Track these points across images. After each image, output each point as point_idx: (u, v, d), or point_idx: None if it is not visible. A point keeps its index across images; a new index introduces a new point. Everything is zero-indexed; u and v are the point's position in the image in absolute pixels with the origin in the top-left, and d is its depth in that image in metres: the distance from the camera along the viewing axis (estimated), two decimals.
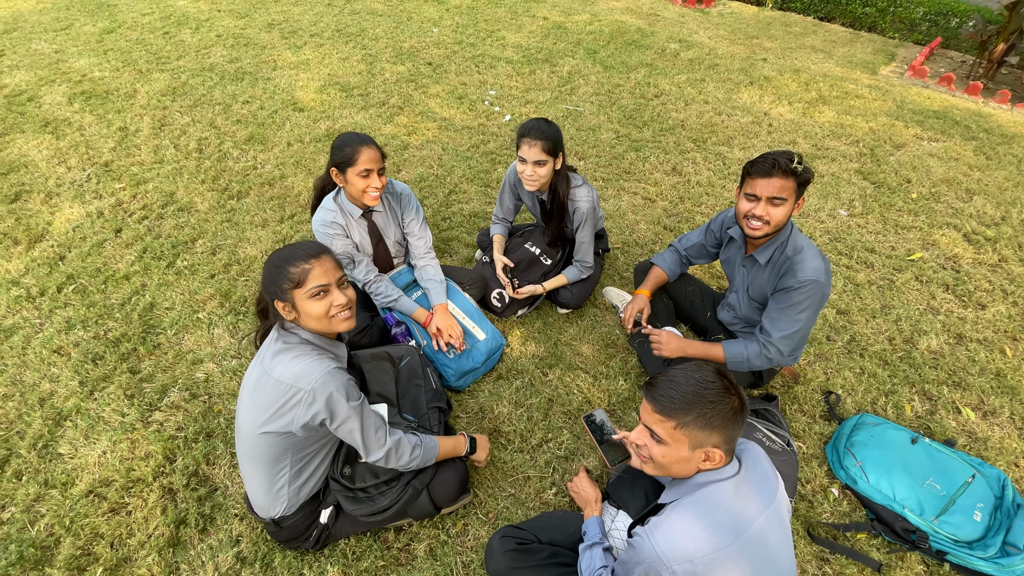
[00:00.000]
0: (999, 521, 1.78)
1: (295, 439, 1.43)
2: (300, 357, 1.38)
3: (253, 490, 1.54)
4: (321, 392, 1.34)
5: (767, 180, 1.71)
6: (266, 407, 1.38)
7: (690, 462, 1.18)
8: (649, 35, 6.03)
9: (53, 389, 2.17)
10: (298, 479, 1.53)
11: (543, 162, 2.17)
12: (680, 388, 1.16)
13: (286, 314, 1.41)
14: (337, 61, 4.89)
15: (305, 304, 1.38)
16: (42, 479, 1.89)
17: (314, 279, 1.37)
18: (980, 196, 3.64)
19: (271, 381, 1.37)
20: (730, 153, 3.95)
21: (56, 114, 3.92)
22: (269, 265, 1.40)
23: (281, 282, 1.37)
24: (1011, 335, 2.64)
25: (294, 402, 1.35)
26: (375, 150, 2.00)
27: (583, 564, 1.44)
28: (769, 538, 1.16)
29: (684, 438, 1.16)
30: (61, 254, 2.78)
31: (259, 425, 1.39)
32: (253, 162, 3.53)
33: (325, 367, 1.36)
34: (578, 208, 2.32)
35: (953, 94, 5.32)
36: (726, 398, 1.15)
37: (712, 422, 1.14)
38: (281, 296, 1.39)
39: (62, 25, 5.36)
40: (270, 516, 1.56)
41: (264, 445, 1.43)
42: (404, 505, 1.61)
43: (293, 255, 1.38)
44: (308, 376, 1.34)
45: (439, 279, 2.32)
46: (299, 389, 1.34)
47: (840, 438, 2.07)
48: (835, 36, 6.70)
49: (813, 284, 1.75)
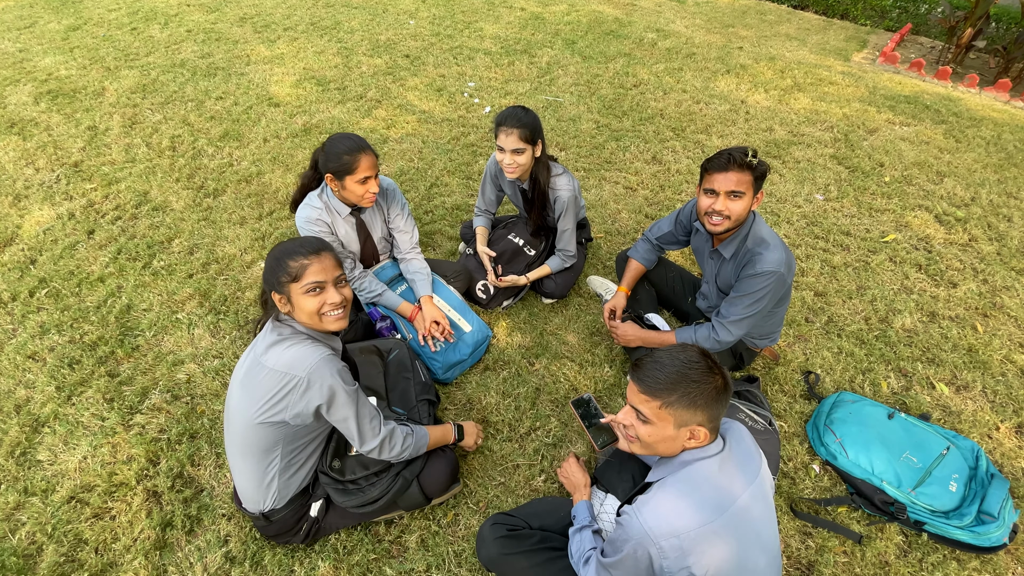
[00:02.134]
0: (974, 491, 1.85)
1: (287, 429, 1.43)
2: (294, 346, 1.38)
3: (243, 483, 1.53)
4: (316, 378, 1.35)
5: (724, 175, 1.74)
6: (260, 397, 1.38)
7: (676, 440, 1.21)
8: (627, 25, 6.04)
9: (29, 395, 2.12)
10: (288, 471, 1.52)
11: (521, 150, 2.17)
12: (665, 369, 1.18)
13: (281, 306, 1.42)
14: (312, 55, 4.82)
15: (299, 299, 1.39)
16: (21, 487, 1.85)
17: (310, 275, 1.38)
18: (950, 178, 3.74)
19: (264, 371, 1.37)
20: (709, 141, 3.99)
21: (22, 114, 3.81)
22: (271, 257, 1.42)
23: (279, 275, 1.38)
24: (982, 312, 2.73)
25: (289, 389, 1.35)
26: (372, 155, 1.98)
27: (573, 547, 1.46)
28: (753, 513, 1.19)
29: (669, 417, 1.18)
30: (32, 257, 2.71)
31: (253, 415, 1.39)
32: (229, 159, 3.47)
33: (320, 354, 1.37)
34: (559, 197, 2.32)
35: (923, 79, 5.43)
36: (710, 378, 1.17)
37: (696, 401, 1.16)
38: (278, 288, 1.39)
39: (26, 23, 5.19)
40: (259, 510, 1.55)
41: (256, 436, 1.42)
42: (394, 496, 1.61)
43: (295, 249, 1.40)
44: (303, 363, 1.35)
45: (425, 271, 2.31)
46: (294, 376, 1.35)
47: (820, 416, 2.12)
48: (809, 24, 6.79)
49: (772, 275, 1.80)
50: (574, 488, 1.73)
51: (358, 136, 2.00)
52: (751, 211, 1.85)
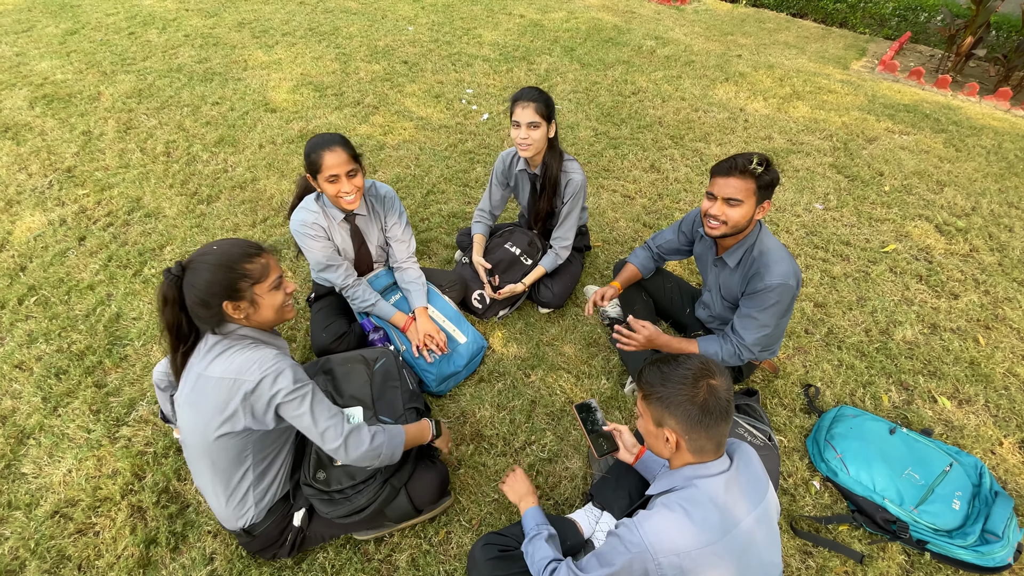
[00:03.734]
0: (977, 509, 1.81)
1: (252, 436, 1.39)
2: (240, 351, 1.34)
3: (216, 503, 1.49)
4: (269, 377, 1.30)
5: (725, 180, 1.72)
6: (214, 409, 1.33)
7: (657, 439, 1.23)
8: (625, 32, 6.04)
9: (15, 406, 2.08)
10: (263, 480, 1.48)
11: (537, 124, 2.17)
12: (662, 367, 1.22)
13: (238, 314, 1.35)
14: (310, 60, 4.80)
15: (267, 297, 1.37)
16: (5, 500, 1.80)
17: (274, 270, 1.39)
18: (951, 187, 3.71)
19: (211, 382, 1.32)
20: (707, 149, 3.96)
21: (17, 119, 3.78)
22: (216, 268, 1.30)
23: (238, 281, 1.31)
24: (983, 323, 2.69)
25: (243, 394, 1.30)
26: (340, 153, 1.87)
27: (529, 559, 1.39)
28: (756, 538, 1.15)
29: (647, 411, 1.23)
30: (22, 264, 2.67)
31: (211, 431, 1.34)
32: (223, 165, 3.44)
33: (268, 354, 1.33)
34: (572, 179, 2.33)
35: (923, 88, 5.42)
36: (689, 388, 1.16)
37: (667, 404, 1.17)
38: (237, 295, 1.32)
39: (23, 27, 5.18)
40: (239, 526, 1.50)
41: (220, 451, 1.37)
42: (382, 505, 1.57)
43: (243, 250, 1.35)
44: (253, 365, 1.31)
45: (420, 282, 2.28)
46: (246, 380, 1.30)
47: (820, 431, 2.08)
48: (807, 32, 6.79)
49: (781, 287, 1.76)
50: (520, 497, 1.63)
51: (335, 135, 1.93)
52: (758, 221, 1.82)
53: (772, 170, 1.70)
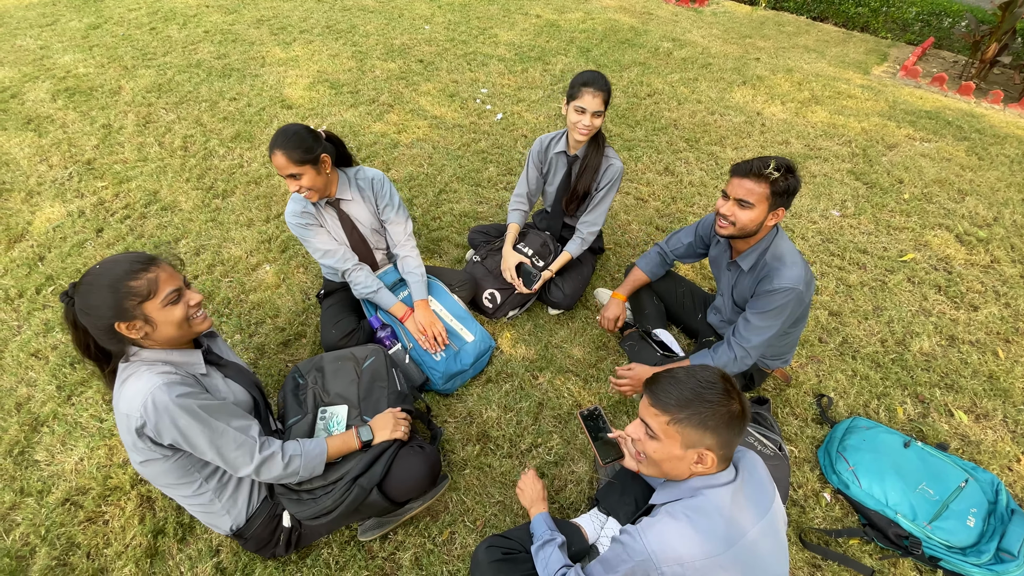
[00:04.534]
0: (993, 527, 1.76)
1: (184, 457, 1.36)
2: (133, 382, 1.26)
3: (191, 511, 1.49)
4: (151, 415, 1.23)
5: (739, 180, 1.70)
6: (125, 442, 1.31)
7: (682, 461, 1.16)
8: (642, 34, 6.00)
9: (30, 394, 2.11)
10: (224, 491, 1.47)
11: (600, 113, 2.17)
12: (680, 385, 1.15)
13: (134, 333, 1.26)
14: (327, 58, 4.83)
15: (162, 314, 1.27)
16: (18, 487, 1.83)
17: (165, 284, 1.27)
18: (972, 197, 3.64)
19: (118, 415, 1.28)
20: (723, 153, 3.92)
21: (39, 111, 3.84)
22: (96, 289, 1.22)
23: (124, 301, 1.22)
24: (1003, 337, 2.63)
25: (133, 432, 1.25)
26: (280, 155, 1.82)
27: (539, 565, 1.39)
28: (762, 549, 1.13)
29: (677, 435, 1.14)
30: (41, 254, 2.72)
31: (134, 460, 1.33)
32: (239, 160, 3.47)
33: (151, 385, 1.24)
34: (612, 165, 2.34)
35: (945, 94, 5.32)
36: (725, 401, 1.13)
37: (707, 423, 1.12)
38: (126, 315, 1.23)
39: (48, 21, 5.27)
40: (226, 531, 1.51)
41: (158, 472, 1.35)
42: (350, 506, 1.52)
43: (127, 268, 1.24)
44: (135, 400, 1.23)
45: (420, 273, 2.27)
46: (131, 417, 1.24)
47: (832, 442, 2.05)
48: (828, 36, 6.70)
49: (789, 291, 1.74)
50: (531, 502, 1.64)
51: (284, 131, 1.85)
52: (775, 226, 1.79)
53: (792, 178, 1.66)
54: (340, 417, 1.68)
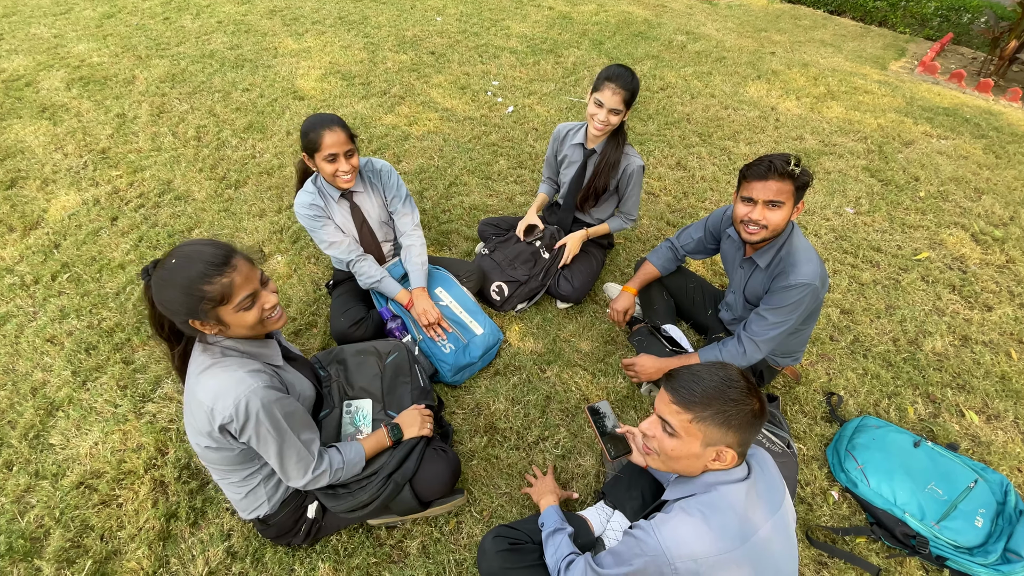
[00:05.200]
0: (1001, 527, 1.75)
1: (245, 453, 1.38)
2: (221, 372, 1.25)
3: (229, 495, 1.51)
4: (240, 415, 1.24)
5: (763, 183, 1.66)
6: (195, 426, 1.31)
7: (700, 459, 1.16)
8: (656, 27, 5.94)
9: (46, 379, 2.15)
10: (272, 479, 1.50)
11: (619, 111, 2.16)
12: (703, 382, 1.14)
13: (208, 330, 1.26)
14: (339, 49, 4.83)
15: (235, 317, 1.24)
16: (33, 470, 1.87)
17: (240, 290, 1.22)
18: (989, 195, 3.58)
19: (196, 402, 1.27)
20: (736, 148, 3.89)
21: (54, 100, 3.88)
22: (169, 287, 1.18)
23: (197, 304, 1.18)
24: (1017, 337, 2.60)
25: (215, 425, 1.26)
26: (339, 133, 1.90)
27: (548, 552, 1.41)
28: (773, 546, 1.14)
29: (699, 433, 1.13)
30: (56, 242, 2.75)
31: (197, 442, 1.34)
32: (252, 151, 3.49)
33: (246, 387, 1.24)
34: (631, 164, 2.33)
35: (963, 91, 5.23)
36: (747, 399, 1.13)
37: (730, 421, 1.11)
38: (201, 316, 1.21)
39: (62, 9, 5.30)
40: (253, 517, 1.53)
41: (219, 458, 1.37)
42: (385, 500, 1.57)
43: (201, 271, 1.17)
44: (226, 397, 1.23)
45: (422, 262, 2.27)
46: (215, 411, 1.24)
47: (841, 440, 2.04)
48: (845, 30, 6.60)
49: (806, 287, 1.72)
50: (541, 495, 1.68)
51: (332, 115, 1.94)
52: (790, 221, 1.78)
53: (805, 170, 1.67)
54: (365, 411, 1.70)
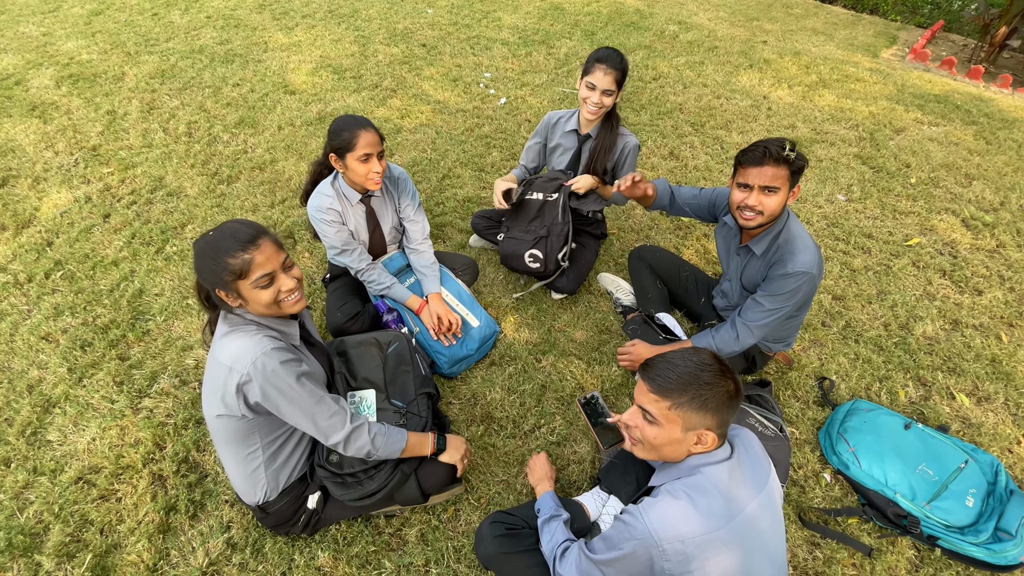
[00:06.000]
0: (991, 507, 1.78)
1: (258, 421, 1.41)
2: (240, 337, 1.32)
3: (231, 475, 1.53)
4: (256, 375, 1.28)
5: (759, 169, 1.67)
6: (212, 391, 1.35)
7: (682, 444, 1.19)
8: (648, 16, 5.93)
9: (41, 376, 2.15)
10: (274, 462, 1.51)
11: (611, 92, 2.16)
12: (677, 369, 1.17)
13: (231, 302, 1.34)
14: (329, 43, 4.80)
15: (251, 293, 1.31)
16: (31, 466, 1.87)
17: (258, 268, 1.29)
18: (979, 181, 3.61)
19: (215, 363, 1.33)
20: (728, 137, 3.90)
21: (43, 98, 3.85)
22: (203, 255, 1.29)
23: (221, 274, 1.28)
24: (1007, 321, 2.63)
25: (231, 385, 1.30)
26: (373, 133, 1.94)
27: (544, 538, 1.43)
28: (761, 523, 1.16)
29: (678, 419, 1.16)
30: (49, 240, 2.74)
31: (211, 409, 1.37)
32: (243, 146, 3.48)
33: (262, 348, 1.30)
34: (628, 143, 2.34)
35: (954, 78, 5.25)
36: (722, 381, 1.16)
37: (707, 404, 1.14)
38: (223, 286, 1.30)
39: (50, 7, 5.25)
40: (254, 502, 1.55)
41: (225, 429, 1.40)
42: (392, 489, 1.60)
43: (229, 245, 1.27)
44: (244, 358, 1.29)
45: (434, 267, 2.30)
46: (234, 371, 1.29)
47: (833, 423, 2.06)
48: (836, 18, 6.60)
49: (804, 275, 1.74)
50: (538, 480, 1.71)
51: (362, 116, 1.98)
52: (785, 207, 1.79)
53: (800, 155, 1.68)
54: (369, 401, 1.70)
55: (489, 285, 2.65)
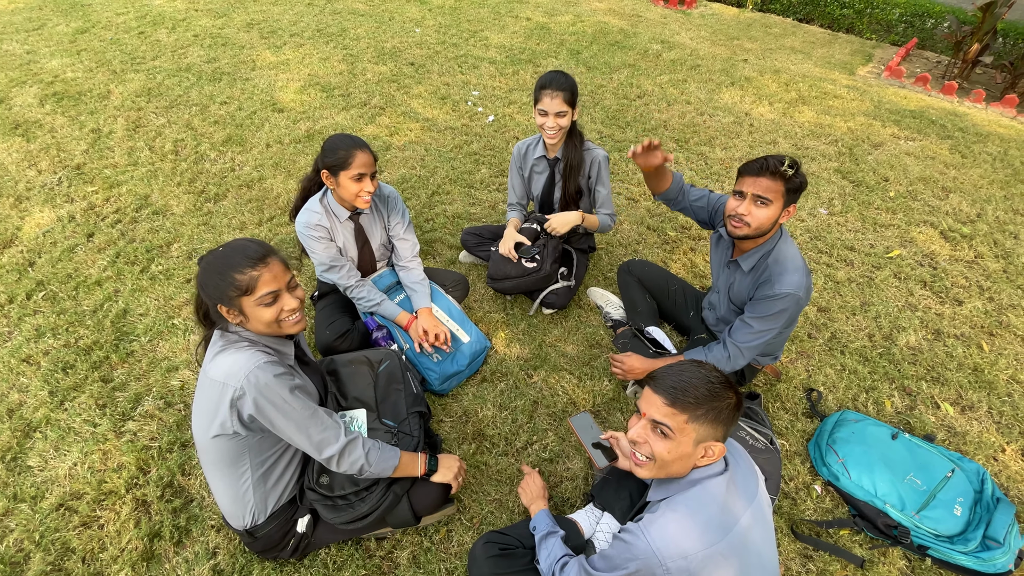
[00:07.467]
0: (979, 515, 1.80)
1: (250, 441, 1.39)
2: (233, 353, 1.32)
3: (219, 498, 1.50)
4: (249, 389, 1.28)
5: (754, 178, 1.71)
6: (205, 409, 1.34)
7: (691, 458, 1.19)
8: (632, 36, 6.05)
9: (22, 400, 2.10)
10: (263, 484, 1.48)
11: (564, 113, 2.20)
12: (693, 382, 1.17)
13: (231, 318, 1.35)
14: (318, 61, 4.83)
15: (254, 311, 1.32)
16: (11, 493, 1.82)
17: (264, 286, 1.31)
18: (956, 194, 3.71)
19: (207, 381, 1.33)
20: (712, 153, 3.97)
21: (27, 116, 3.82)
22: (210, 269, 1.31)
23: (226, 289, 1.29)
24: (987, 330, 2.69)
25: (224, 401, 1.29)
26: (369, 154, 1.96)
27: (541, 555, 1.42)
28: (753, 534, 1.16)
29: (692, 432, 1.16)
30: (31, 260, 2.70)
31: (204, 429, 1.35)
32: (231, 164, 3.47)
33: (255, 361, 1.30)
34: (595, 157, 2.37)
35: (929, 94, 5.41)
36: (730, 394, 1.17)
37: (720, 416, 1.15)
38: (227, 302, 1.32)
39: (34, 25, 5.23)
40: (242, 526, 1.51)
41: (216, 450, 1.38)
42: (384, 511, 1.57)
43: (238, 260, 1.30)
44: (237, 372, 1.28)
45: (424, 283, 2.30)
46: (227, 386, 1.29)
47: (822, 435, 2.08)
48: (814, 37, 6.79)
49: (790, 298, 1.76)
50: (532, 500, 1.69)
51: (359, 137, 2.00)
52: (779, 227, 1.81)
53: (801, 174, 1.71)
54: (360, 421, 1.68)
55: (480, 301, 2.65)
